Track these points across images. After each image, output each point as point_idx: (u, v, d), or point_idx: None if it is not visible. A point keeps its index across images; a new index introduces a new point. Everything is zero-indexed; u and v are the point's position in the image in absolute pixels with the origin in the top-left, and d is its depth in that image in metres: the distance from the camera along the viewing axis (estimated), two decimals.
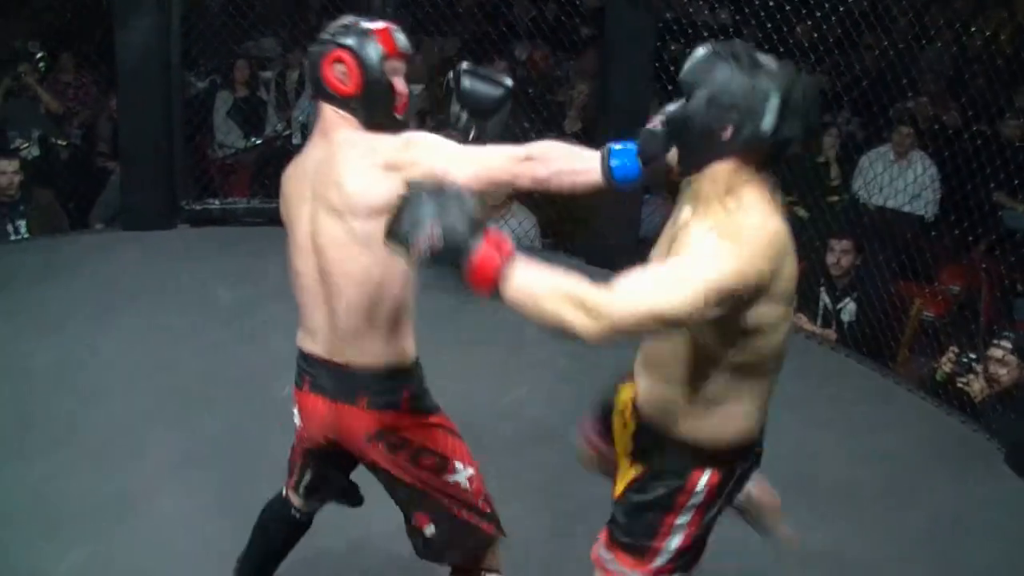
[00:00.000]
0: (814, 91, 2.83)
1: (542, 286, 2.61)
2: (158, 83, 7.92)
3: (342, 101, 3.34)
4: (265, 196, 8.50)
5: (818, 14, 7.62)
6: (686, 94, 2.80)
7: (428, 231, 2.61)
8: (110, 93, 9.64)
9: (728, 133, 2.75)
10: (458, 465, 3.55)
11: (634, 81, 7.34)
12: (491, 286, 2.62)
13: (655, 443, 3.12)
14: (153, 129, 7.97)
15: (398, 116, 3.39)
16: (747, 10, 7.87)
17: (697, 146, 2.82)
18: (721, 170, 2.81)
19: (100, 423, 5.54)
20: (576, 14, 9.98)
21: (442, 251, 2.62)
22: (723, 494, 3.15)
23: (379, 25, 3.37)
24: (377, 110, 3.35)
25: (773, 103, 2.72)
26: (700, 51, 2.82)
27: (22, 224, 8.10)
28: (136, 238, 7.91)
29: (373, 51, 3.32)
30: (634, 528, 3.17)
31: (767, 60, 2.78)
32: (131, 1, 7.74)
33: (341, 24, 3.39)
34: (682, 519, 3.12)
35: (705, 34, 8.24)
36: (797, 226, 7.68)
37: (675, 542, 3.14)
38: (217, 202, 8.47)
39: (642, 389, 3.17)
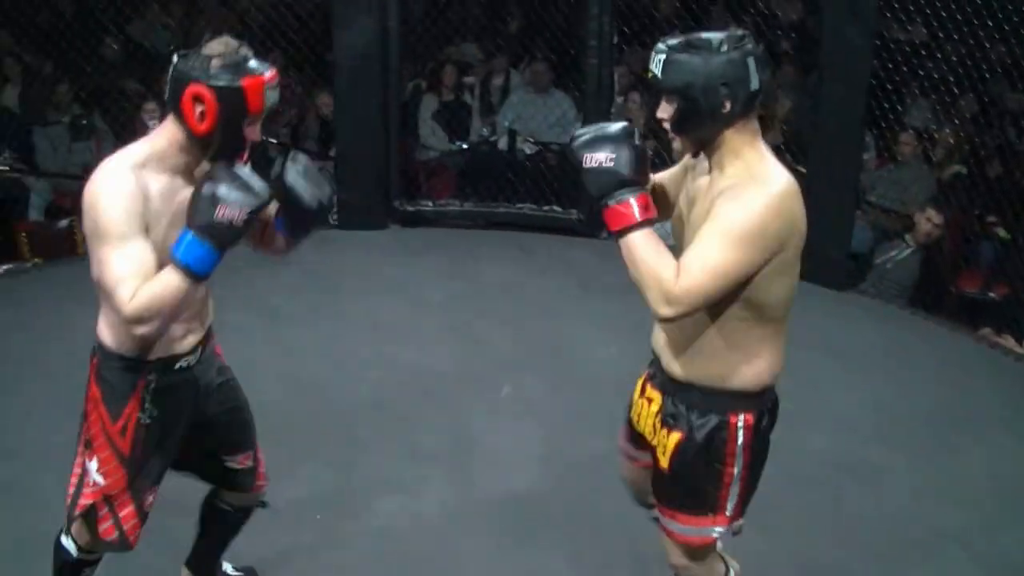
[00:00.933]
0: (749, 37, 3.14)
1: (645, 256, 3.07)
2: (375, 84, 8.14)
3: (189, 133, 3.22)
4: (477, 199, 8.72)
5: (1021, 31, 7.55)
6: (678, 95, 3.07)
7: (599, 159, 3.15)
8: (316, 92, 9.92)
9: (728, 105, 3.04)
10: (94, 461, 3.53)
11: (848, 99, 7.30)
12: (616, 231, 3.13)
13: (691, 404, 3.35)
14: (369, 130, 8.20)
15: (239, 163, 3.27)
16: (946, 27, 7.80)
17: (706, 128, 3.11)
18: (728, 136, 3.10)
19: (318, 412, 5.72)
20: (775, 27, 9.97)
21: (598, 182, 3.16)
22: (761, 431, 3.37)
23: (253, 78, 3.17)
24: (220, 155, 3.26)
25: (751, 64, 3.03)
26: (664, 57, 3.07)
27: None
28: (348, 236, 8.12)
29: (237, 108, 3.17)
30: (695, 488, 3.40)
31: (713, 34, 3.07)
32: (353, 2, 7.98)
33: (220, 52, 3.18)
34: (737, 465, 3.35)
35: (907, 49, 8.24)
36: (1000, 248, 7.71)
37: (736, 488, 3.39)
38: (430, 203, 8.64)
39: (672, 362, 3.40)
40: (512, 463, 5.30)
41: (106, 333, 3.47)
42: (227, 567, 4.33)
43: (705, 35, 3.06)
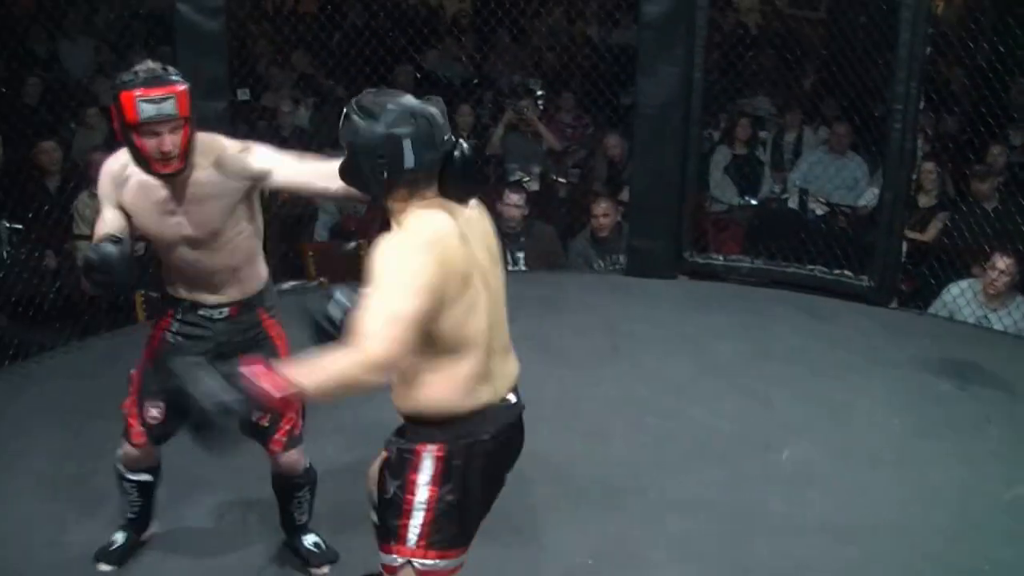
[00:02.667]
0: (434, 117, 3.25)
1: (323, 376, 3.11)
2: (676, 133, 8.17)
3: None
4: (768, 257, 8.60)
5: None
6: (346, 150, 3.28)
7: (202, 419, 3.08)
8: (606, 134, 9.99)
9: (385, 174, 3.21)
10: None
11: None
12: (281, 397, 3.08)
13: (398, 430, 3.46)
14: (667, 179, 8.24)
15: (156, 172, 3.79)
16: None
17: (369, 186, 3.30)
18: (397, 198, 3.27)
19: (600, 462, 5.73)
20: None
21: (221, 418, 3.08)
22: (454, 470, 3.36)
23: (126, 91, 3.64)
24: (135, 162, 3.81)
25: (407, 145, 3.18)
26: (344, 110, 3.28)
27: (520, 255, 8.52)
28: (637, 283, 8.19)
29: (121, 118, 3.69)
30: (385, 513, 3.47)
31: (393, 104, 3.23)
32: (660, 50, 8.02)
33: (133, 71, 3.69)
34: (420, 496, 3.36)
35: None
36: None
37: (419, 520, 3.37)
38: (721, 258, 8.58)
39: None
40: (789, 529, 5.21)
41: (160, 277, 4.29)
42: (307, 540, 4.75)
43: (384, 100, 3.24)
